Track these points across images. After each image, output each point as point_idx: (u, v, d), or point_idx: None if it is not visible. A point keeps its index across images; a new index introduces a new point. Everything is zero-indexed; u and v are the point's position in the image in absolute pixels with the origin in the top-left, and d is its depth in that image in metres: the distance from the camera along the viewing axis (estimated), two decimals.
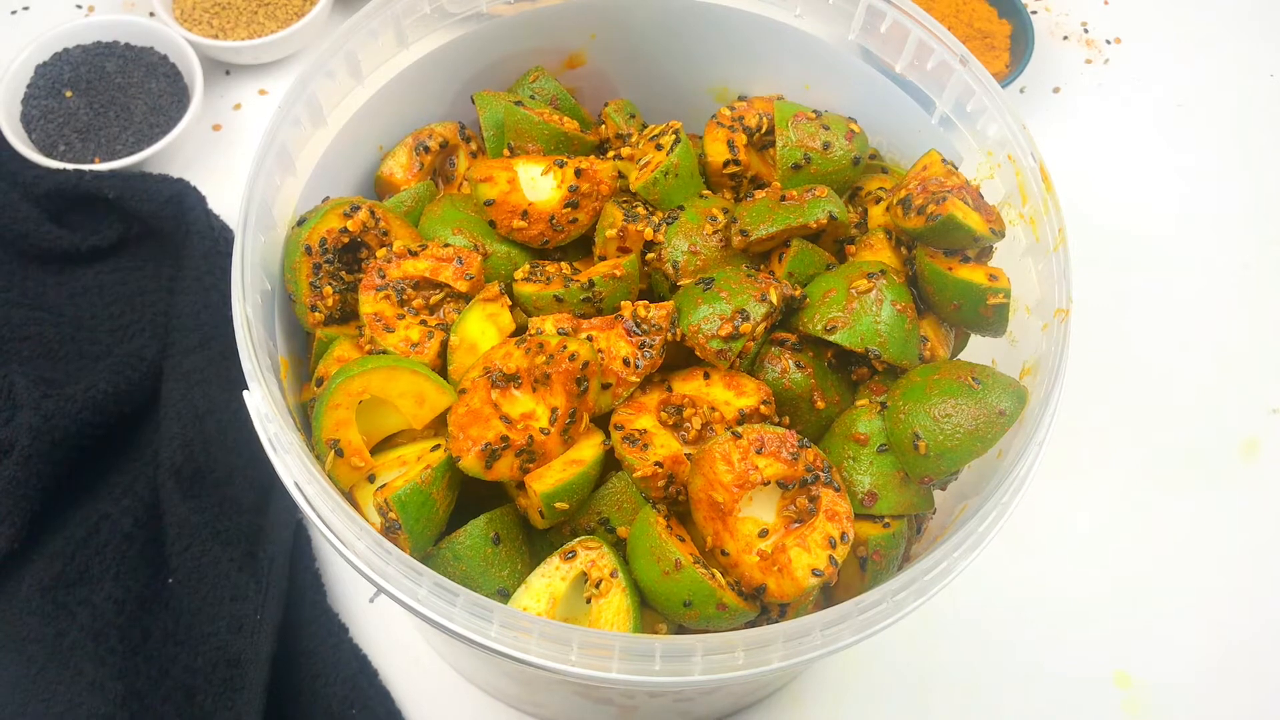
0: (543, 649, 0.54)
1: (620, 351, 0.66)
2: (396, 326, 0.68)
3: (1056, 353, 0.64)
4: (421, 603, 0.55)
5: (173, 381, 0.92)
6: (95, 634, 0.82)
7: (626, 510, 0.64)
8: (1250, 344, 1.04)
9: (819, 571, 0.60)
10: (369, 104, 0.76)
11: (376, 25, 0.73)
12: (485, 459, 0.61)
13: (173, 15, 1.13)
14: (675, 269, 0.71)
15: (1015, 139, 0.70)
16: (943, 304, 0.71)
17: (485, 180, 0.72)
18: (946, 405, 0.64)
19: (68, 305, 0.99)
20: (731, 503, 0.61)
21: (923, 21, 0.73)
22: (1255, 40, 1.22)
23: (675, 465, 0.64)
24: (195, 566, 0.84)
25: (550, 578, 0.62)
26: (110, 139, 1.06)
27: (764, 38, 0.80)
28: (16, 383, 0.88)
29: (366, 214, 0.71)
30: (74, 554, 0.85)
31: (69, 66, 1.09)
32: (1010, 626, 0.89)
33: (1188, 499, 0.95)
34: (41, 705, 0.79)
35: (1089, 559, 0.92)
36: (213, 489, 0.89)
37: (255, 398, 0.60)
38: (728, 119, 0.78)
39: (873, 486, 0.64)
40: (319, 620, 0.85)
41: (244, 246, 0.64)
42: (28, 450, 0.85)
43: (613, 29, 0.83)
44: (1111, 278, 1.05)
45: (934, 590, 0.58)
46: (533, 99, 0.81)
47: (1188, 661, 0.88)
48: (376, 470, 0.64)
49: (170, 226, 1.01)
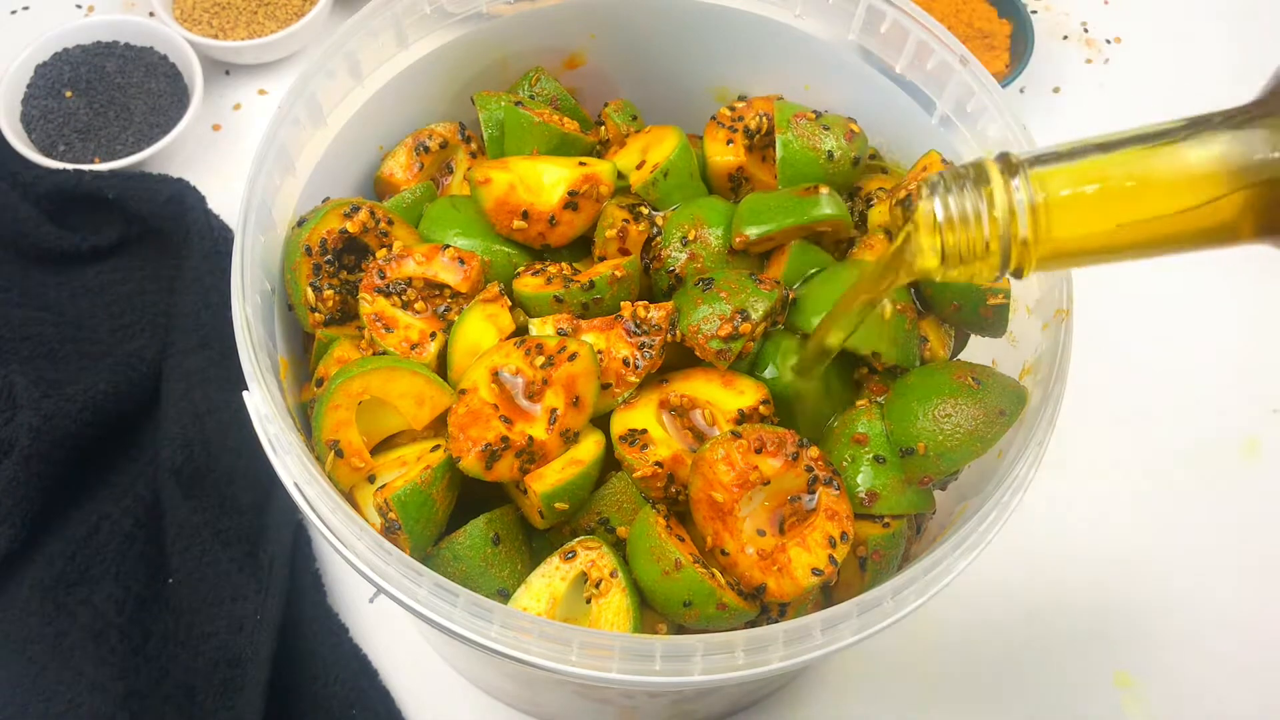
0: (543, 649, 0.54)
1: (620, 352, 0.66)
2: (396, 327, 0.68)
3: (1057, 353, 0.64)
4: (421, 603, 0.55)
5: (173, 381, 0.92)
6: (95, 634, 0.82)
7: (626, 510, 0.64)
8: (1251, 344, 1.04)
9: (819, 571, 0.60)
10: (369, 104, 0.76)
11: (376, 25, 0.73)
12: (485, 459, 0.61)
13: (172, 15, 1.13)
14: (675, 269, 0.71)
15: (1015, 139, 0.70)
16: (943, 304, 0.71)
17: (485, 181, 0.72)
18: (946, 405, 0.64)
19: (68, 305, 0.99)
20: (731, 503, 0.61)
21: (923, 21, 0.73)
22: (1255, 40, 1.22)
23: (675, 465, 0.64)
24: (195, 566, 0.84)
25: (550, 578, 0.62)
26: (110, 139, 1.06)
27: (764, 38, 0.80)
28: (16, 383, 0.88)
29: (366, 214, 0.71)
30: (74, 554, 0.85)
31: (69, 66, 1.09)
32: (1010, 626, 0.89)
33: (1189, 499, 0.95)
34: (42, 705, 0.79)
35: (1089, 559, 0.92)
36: (213, 489, 0.89)
37: (255, 398, 0.60)
38: (728, 119, 0.78)
39: (873, 486, 0.64)
40: (319, 620, 0.85)
41: (244, 247, 0.64)
42: (28, 450, 0.85)
43: (613, 29, 0.83)
44: (1112, 277, 1.04)
45: (934, 590, 0.58)
46: (533, 99, 0.81)
47: (1188, 661, 0.88)
48: (376, 471, 0.65)
49: (170, 226, 1.01)
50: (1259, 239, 0.50)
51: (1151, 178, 0.49)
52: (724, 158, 0.77)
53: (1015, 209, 0.50)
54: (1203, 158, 0.48)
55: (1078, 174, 0.50)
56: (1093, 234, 0.50)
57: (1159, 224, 0.49)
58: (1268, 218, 0.48)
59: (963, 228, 0.51)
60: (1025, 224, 0.50)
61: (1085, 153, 0.50)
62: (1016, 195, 0.50)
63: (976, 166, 0.51)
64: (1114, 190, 0.49)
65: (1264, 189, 0.47)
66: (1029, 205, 0.49)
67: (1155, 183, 0.49)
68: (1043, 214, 0.50)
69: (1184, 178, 0.48)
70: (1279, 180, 0.47)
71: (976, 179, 0.51)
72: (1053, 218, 0.50)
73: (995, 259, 0.51)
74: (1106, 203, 0.49)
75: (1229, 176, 0.48)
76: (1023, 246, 0.50)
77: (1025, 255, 0.51)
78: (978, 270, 0.52)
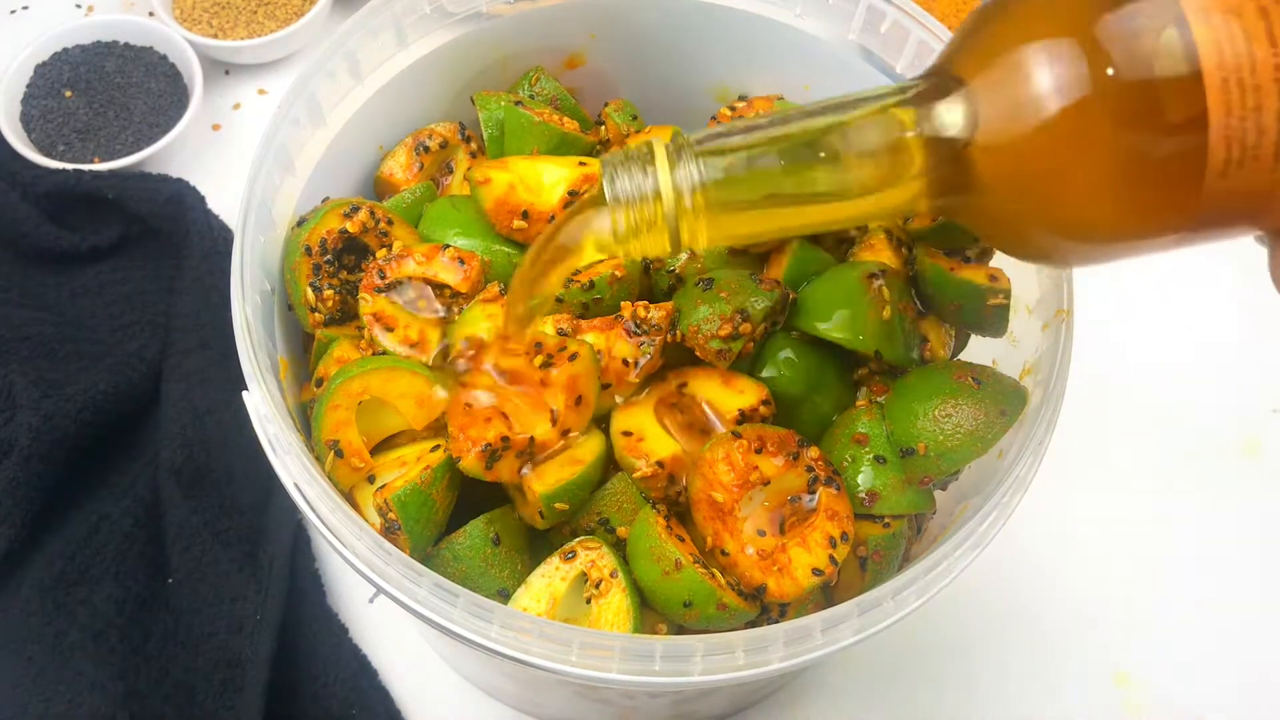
0: (543, 649, 0.54)
1: (620, 352, 0.66)
2: (396, 327, 0.68)
3: (1057, 353, 0.64)
4: (421, 603, 0.55)
5: (173, 381, 0.92)
6: (95, 634, 0.82)
7: (626, 510, 0.64)
8: (1251, 344, 1.04)
9: (819, 571, 0.60)
10: (369, 104, 0.76)
11: (376, 25, 0.73)
12: (485, 460, 0.61)
13: (172, 15, 1.13)
14: (675, 269, 0.71)
15: None
16: (943, 304, 0.71)
17: (485, 181, 0.72)
18: (947, 405, 0.64)
19: (68, 305, 0.99)
20: (731, 503, 0.61)
21: (923, 21, 0.73)
22: None
23: (675, 465, 0.64)
24: (195, 567, 0.84)
25: (550, 578, 0.62)
26: (110, 139, 1.06)
27: (764, 38, 0.80)
28: (16, 383, 0.88)
29: (366, 214, 0.71)
30: (74, 554, 0.85)
31: (68, 66, 1.09)
32: (1010, 626, 0.89)
33: (1189, 498, 0.95)
34: (41, 705, 0.79)
35: (1089, 559, 0.92)
36: (213, 489, 0.89)
37: (255, 398, 0.60)
38: (728, 119, 0.78)
39: (873, 486, 0.64)
40: (319, 620, 0.85)
41: (243, 247, 0.64)
42: (28, 450, 0.85)
43: (613, 29, 0.83)
44: (1112, 277, 1.04)
45: (934, 590, 0.58)
46: (533, 99, 0.81)
47: (1188, 662, 0.88)
48: (376, 471, 0.65)
49: (170, 226, 1.01)
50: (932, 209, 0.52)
51: (812, 155, 0.50)
52: None
53: (678, 189, 0.51)
54: (873, 131, 0.50)
55: (742, 153, 0.51)
56: (757, 213, 0.52)
57: (822, 199, 0.51)
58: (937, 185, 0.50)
59: (630, 207, 0.52)
60: (690, 202, 0.51)
61: (755, 129, 0.51)
62: (678, 175, 0.51)
63: (647, 145, 0.53)
64: (778, 170, 0.51)
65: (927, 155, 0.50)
66: (691, 186, 0.51)
67: (816, 159, 0.50)
68: (709, 193, 0.51)
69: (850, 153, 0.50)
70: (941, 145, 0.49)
71: (645, 159, 0.52)
72: (713, 196, 0.51)
73: (664, 235, 0.52)
74: (770, 180, 0.51)
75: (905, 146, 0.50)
76: (691, 223, 0.52)
77: (694, 233, 0.52)
78: (651, 244, 0.53)
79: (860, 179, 0.50)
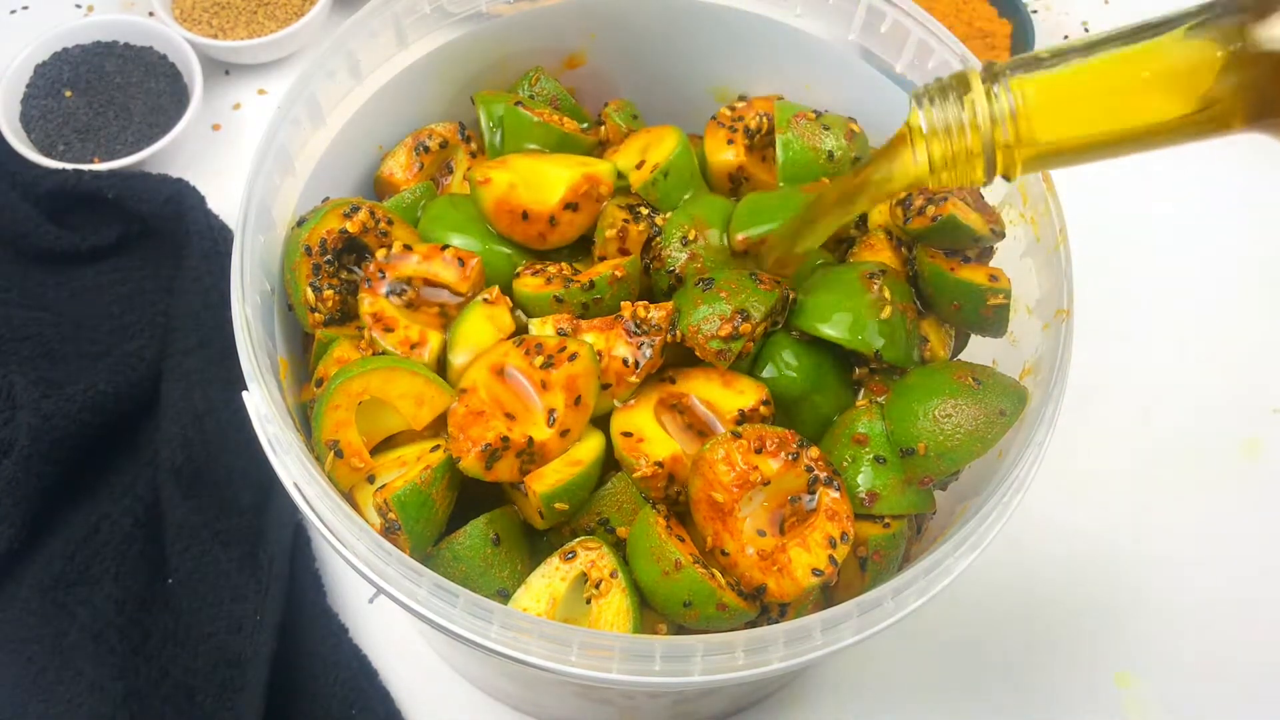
0: (543, 650, 0.54)
1: (620, 352, 0.66)
2: (396, 327, 0.68)
3: (1057, 353, 0.64)
4: (421, 603, 0.55)
5: (172, 381, 0.92)
6: (95, 634, 0.82)
7: (626, 510, 0.64)
8: (1251, 344, 1.04)
9: (819, 571, 0.60)
10: (369, 104, 0.76)
11: (376, 25, 0.73)
12: (485, 460, 0.61)
13: (172, 15, 1.13)
14: (675, 269, 0.71)
15: None
16: (943, 304, 0.71)
17: (485, 181, 0.72)
18: (946, 405, 0.64)
19: (68, 305, 0.99)
20: (731, 503, 0.61)
21: (923, 21, 0.73)
22: None
23: (675, 465, 0.64)
24: (195, 566, 0.84)
25: (550, 578, 0.62)
26: (110, 139, 1.06)
27: (764, 38, 0.80)
28: (16, 383, 0.88)
29: (366, 214, 0.71)
30: (74, 554, 0.85)
31: (68, 66, 1.09)
32: (1010, 626, 0.89)
33: (1189, 499, 0.95)
34: (41, 705, 0.79)
35: (1089, 559, 0.92)
36: (213, 489, 0.89)
37: (255, 398, 0.60)
38: (728, 119, 0.78)
39: (873, 486, 0.64)
40: (319, 620, 0.85)
41: (243, 247, 0.64)
42: (28, 450, 0.85)
43: (613, 29, 0.83)
44: (1112, 277, 1.04)
45: (934, 590, 0.58)
46: (533, 99, 0.81)
47: (1188, 661, 0.88)
48: (376, 471, 0.64)
49: (170, 226, 1.01)
50: (1250, 126, 0.50)
51: (1134, 74, 0.50)
52: (724, 158, 0.77)
53: (996, 116, 0.51)
54: (1186, 49, 0.49)
55: (1059, 78, 0.51)
56: (1076, 135, 0.52)
57: (1144, 119, 0.51)
58: (1256, 101, 0.49)
59: (946, 137, 0.52)
60: (1007, 130, 0.51)
61: (1067, 56, 0.51)
62: (997, 102, 0.51)
63: (959, 76, 0.53)
64: (1096, 89, 0.50)
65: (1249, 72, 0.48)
66: (1009, 112, 0.51)
67: (1137, 78, 0.50)
68: (1024, 119, 0.51)
69: (1167, 71, 0.49)
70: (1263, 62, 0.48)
71: (960, 88, 0.52)
72: (1034, 122, 0.51)
73: (980, 164, 0.53)
74: (1088, 102, 0.51)
75: (1214, 64, 0.48)
76: (1007, 151, 0.52)
77: (1010, 159, 0.52)
78: (965, 174, 0.53)
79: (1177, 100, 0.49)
